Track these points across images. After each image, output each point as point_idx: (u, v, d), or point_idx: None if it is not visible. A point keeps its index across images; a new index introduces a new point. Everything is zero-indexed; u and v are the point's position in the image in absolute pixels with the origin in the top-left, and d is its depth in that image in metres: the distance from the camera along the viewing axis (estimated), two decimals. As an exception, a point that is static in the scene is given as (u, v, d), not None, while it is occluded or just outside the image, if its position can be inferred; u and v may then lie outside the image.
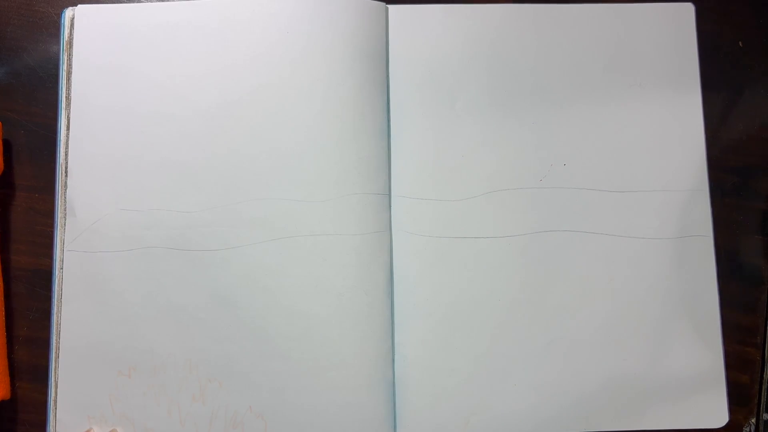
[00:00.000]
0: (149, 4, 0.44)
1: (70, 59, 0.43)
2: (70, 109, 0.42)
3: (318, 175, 0.42)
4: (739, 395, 0.44)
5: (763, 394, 0.44)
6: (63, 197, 0.42)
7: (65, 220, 0.42)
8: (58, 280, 0.41)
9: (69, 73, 0.43)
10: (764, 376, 0.44)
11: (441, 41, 0.45)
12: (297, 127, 0.42)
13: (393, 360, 0.42)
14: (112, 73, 0.43)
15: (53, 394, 0.41)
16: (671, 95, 0.45)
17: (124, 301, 0.41)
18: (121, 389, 0.41)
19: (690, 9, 0.46)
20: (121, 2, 0.45)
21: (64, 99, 0.43)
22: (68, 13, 0.43)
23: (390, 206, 0.43)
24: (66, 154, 0.42)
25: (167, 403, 0.41)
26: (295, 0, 0.43)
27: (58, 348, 0.41)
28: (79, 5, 0.43)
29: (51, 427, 0.41)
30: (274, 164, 0.42)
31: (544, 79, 0.45)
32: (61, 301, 0.41)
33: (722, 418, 0.43)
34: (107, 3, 0.44)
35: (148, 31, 0.43)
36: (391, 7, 0.45)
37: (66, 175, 0.42)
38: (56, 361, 0.41)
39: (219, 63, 0.43)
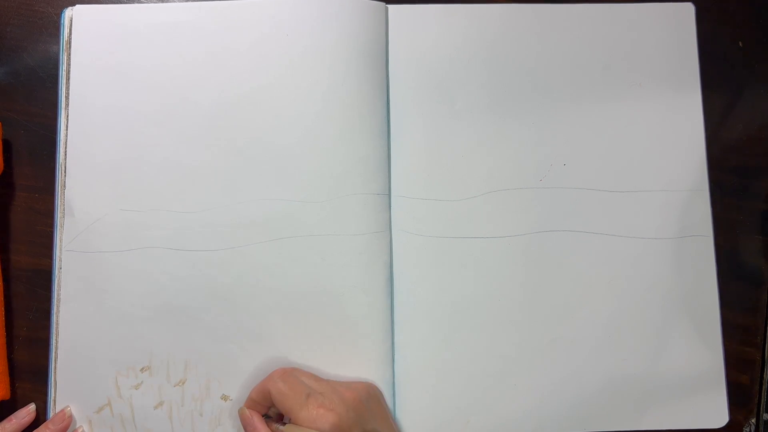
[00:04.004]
0: (149, 5, 0.44)
1: (69, 59, 0.43)
2: (69, 109, 0.42)
3: (318, 175, 0.42)
4: (739, 395, 0.44)
5: (763, 394, 0.44)
6: (62, 197, 0.42)
7: (64, 220, 0.42)
8: (58, 280, 0.41)
9: (68, 73, 0.43)
10: (764, 376, 0.44)
11: (441, 41, 0.45)
12: (297, 127, 0.42)
13: (393, 360, 0.42)
14: (111, 73, 0.43)
15: (53, 394, 0.41)
16: (671, 95, 0.45)
17: (124, 302, 0.41)
18: (121, 389, 0.41)
19: (690, 9, 0.46)
20: (120, 2, 0.45)
21: (63, 99, 0.43)
22: (68, 13, 0.43)
23: (390, 206, 0.43)
24: (65, 154, 0.42)
25: (167, 403, 0.41)
26: (294, 0, 0.43)
27: (57, 348, 0.41)
28: (79, 5, 0.43)
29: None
30: (274, 165, 0.42)
31: (544, 79, 0.45)
32: (60, 301, 0.41)
33: (722, 418, 0.43)
34: (107, 3, 0.44)
35: (148, 32, 0.43)
36: (391, 7, 0.45)
37: (65, 175, 0.42)
38: (56, 361, 0.41)
39: (218, 63, 0.43)
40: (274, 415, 0.39)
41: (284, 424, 0.37)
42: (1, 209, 0.43)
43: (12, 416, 0.40)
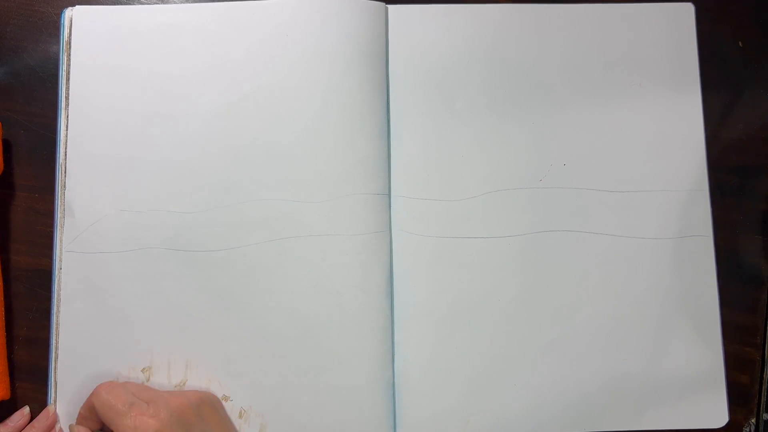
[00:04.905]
0: (149, 5, 0.44)
1: (69, 59, 0.43)
2: (69, 109, 0.42)
3: (318, 175, 0.42)
4: (739, 395, 0.44)
5: (763, 394, 0.44)
6: (62, 197, 0.42)
7: (65, 220, 0.42)
8: (58, 280, 0.41)
9: (68, 73, 0.43)
10: (764, 376, 0.44)
11: (441, 41, 0.45)
12: (297, 127, 0.42)
13: (393, 360, 0.42)
14: (111, 74, 0.43)
15: (53, 394, 0.41)
16: (671, 95, 0.45)
17: (124, 302, 0.41)
18: (121, 389, 0.41)
19: (690, 9, 0.46)
20: (120, 3, 0.45)
21: (63, 99, 0.43)
22: (68, 13, 0.43)
23: (390, 206, 0.43)
24: (65, 154, 0.42)
25: (167, 403, 0.41)
26: (294, 1, 0.43)
27: (57, 348, 0.41)
28: (79, 6, 0.43)
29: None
30: (274, 164, 0.42)
31: (544, 79, 0.45)
32: (60, 301, 0.41)
33: (722, 418, 0.43)
34: (107, 4, 0.44)
35: (148, 32, 0.43)
36: (391, 7, 0.45)
37: (65, 175, 0.42)
38: (56, 361, 0.41)
39: (219, 64, 0.43)
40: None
41: None
42: (1, 209, 0.43)
43: (7, 420, 0.40)
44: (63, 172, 0.42)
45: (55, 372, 0.41)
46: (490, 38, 0.45)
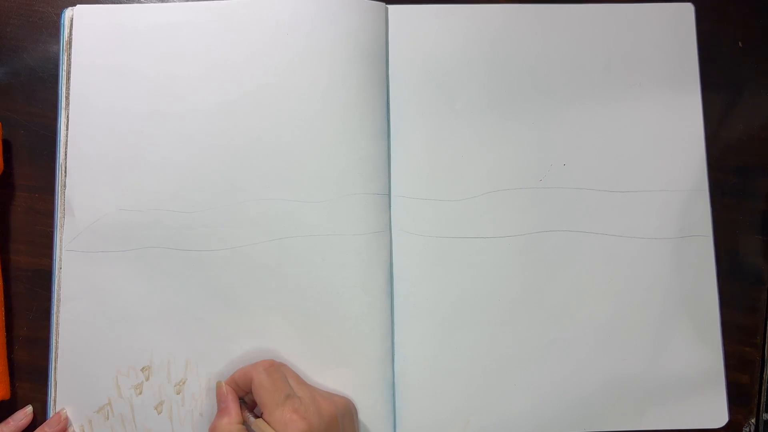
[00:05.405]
0: (149, 5, 0.44)
1: (69, 59, 0.43)
2: (69, 109, 0.42)
3: (318, 175, 0.42)
4: (739, 395, 0.44)
5: (763, 394, 0.44)
6: (62, 197, 0.42)
7: (65, 220, 0.42)
8: (58, 280, 0.41)
9: (69, 73, 0.43)
10: (764, 376, 0.44)
11: (441, 41, 0.45)
12: (297, 127, 0.42)
13: (393, 360, 0.42)
14: (111, 73, 0.43)
15: (53, 394, 0.41)
16: (671, 95, 0.45)
17: (124, 301, 0.41)
18: (121, 389, 0.41)
19: (690, 9, 0.46)
20: (120, 3, 0.45)
21: (63, 99, 0.43)
22: (68, 13, 0.43)
23: (390, 206, 0.43)
24: (65, 154, 0.42)
25: (167, 403, 0.41)
26: (294, 0, 0.43)
27: (57, 348, 0.41)
28: (79, 5, 0.43)
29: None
30: (274, 164, 0.42)
31: (544, 79, 0.45)
32: (60, 301, 0.41)
33: (722, 418, 0.43)
34: (107, 3, 0.44)
35: (147, 32, 0.43)
36: (391, 7, 0.45)
37: (65, 175, 0.42)
38: (56, 361, 0.41)
39: (218, 63, 0.43)
40: (250, 402, 0.39)
41: (256, 416, 0.37)
42: (1, 209, 0.43)
43: (9, 419, 0.40)
44: (63, 172, 0.42)
45: (55, 372, 0.41)
46: (491, 38, 0.45)
